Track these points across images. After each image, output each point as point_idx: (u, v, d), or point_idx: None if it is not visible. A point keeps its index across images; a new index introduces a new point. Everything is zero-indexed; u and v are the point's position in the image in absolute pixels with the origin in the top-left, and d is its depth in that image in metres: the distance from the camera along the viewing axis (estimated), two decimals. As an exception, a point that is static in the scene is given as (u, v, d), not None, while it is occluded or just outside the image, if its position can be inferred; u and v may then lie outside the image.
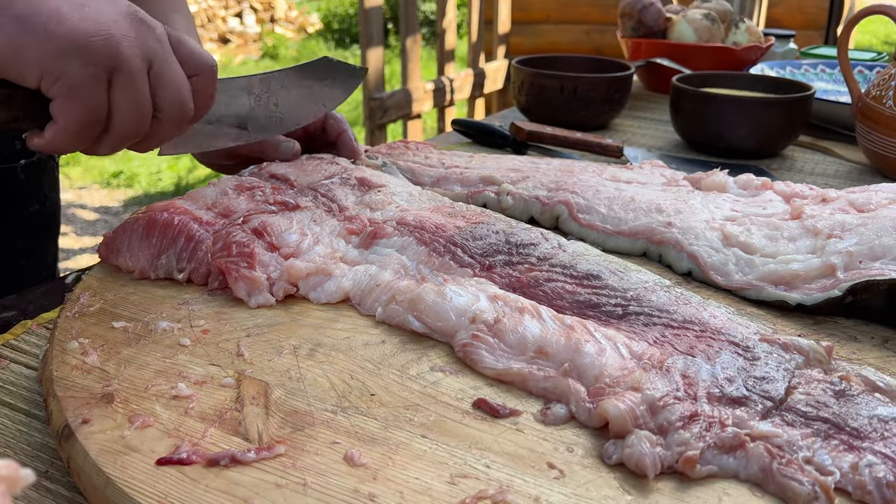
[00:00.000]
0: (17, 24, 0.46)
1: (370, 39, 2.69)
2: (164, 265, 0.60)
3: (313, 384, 0.47)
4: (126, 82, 0.49)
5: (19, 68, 0.46)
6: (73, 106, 0.48)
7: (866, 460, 0.39)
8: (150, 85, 0.51)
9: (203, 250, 0.60)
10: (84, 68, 0.47)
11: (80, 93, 0.48)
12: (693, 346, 0.49)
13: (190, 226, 0.62)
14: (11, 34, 0.45)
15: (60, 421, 0.44)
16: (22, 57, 0.46)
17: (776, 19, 3.28)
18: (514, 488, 0.39)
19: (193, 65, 0.54)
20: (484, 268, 0.59)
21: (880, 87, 0.94)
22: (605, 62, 1.24)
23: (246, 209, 0.65)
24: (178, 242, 0.61)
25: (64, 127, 0.48)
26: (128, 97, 0.50)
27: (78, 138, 0.49)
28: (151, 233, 0.62)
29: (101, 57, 0.47)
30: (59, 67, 0.46)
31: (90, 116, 0.49)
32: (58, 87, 0.47)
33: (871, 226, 0.60)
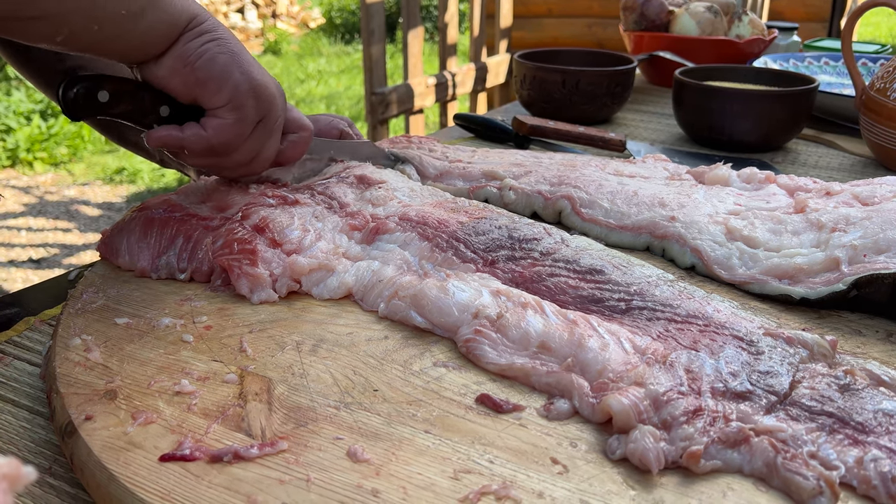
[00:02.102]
0: (231, 57, 0.59)
1: (371, 34, 2.69)
2: (164, 266, 0.60)
3: (316, 380, 0.47)
4: (264, 129, 0.63)
5: (219, 86, 0.59)
6: (232, 129, 0.61)
7: (871, 455, 0.39)
8: None
9: (203, 249, 0.60)
10: (256, 108, 0.61)
11: (245, 123, 0.61)
12: (697, 340, 0.48)
13: (188, 223, 0.62)
14: (226, 62, 0.59)
15: (63, 417, 0.44)
16: (225, 80, 0.59)
17: (779, 12, 3.26)
18: (518, 483, 0.39)
19: (299, 123, 0.69)
20: (487, 263, 0.59)
21: (884, 79, 0.93)
22: (607, 56, 1.24)
23: (243, 202, 0.65)
24: (176, 243, 0.61)
25: (209, 138, 0.61)
26: (258, 139, 0.63)
27: (210, 151, 0.61)
28: (149, 232, 0.62)
29: (264, 107, 0.62)
30: (244, 100, 0.60)
31: (237, 141, 0.62)
32: (235, 113, 0.60)
33: (875, 219, 0.60)
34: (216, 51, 0.59)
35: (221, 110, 0.60)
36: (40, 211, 3.54)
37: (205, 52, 0.58)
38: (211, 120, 0.60)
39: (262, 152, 0.64)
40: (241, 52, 0.60)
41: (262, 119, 0.62)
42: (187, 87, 0.59)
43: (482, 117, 1.08)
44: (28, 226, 3.37)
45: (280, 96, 0.64)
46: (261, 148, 0.64)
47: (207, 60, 0.58)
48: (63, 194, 3.76)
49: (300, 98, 5.61)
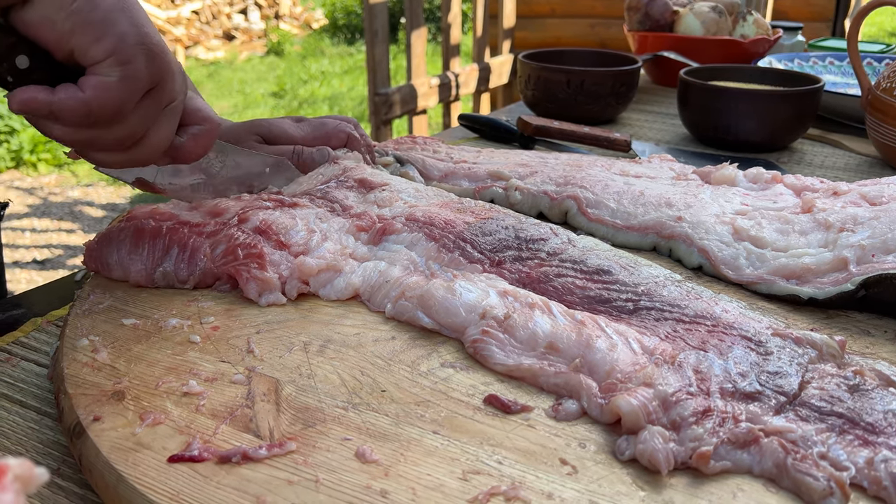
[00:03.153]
0: (119, 3, 0.50)
1: (375, 35, 2.69)
2: (162, 277, 0.58)
3: (324, 381, 0.47)
4: (155, 101, 0.53)
5: (101, 34, 0.49)
6: (117, 89, 0.50)
7: (882, 455, 0.39)
8: None
9: (202, 258, 0.58)
10: (146, 68, 0.51)
11: (132, 84, 0.50)
12: (705, 340, 0.48)
13: (180, 232, 0.60)
14: (111, 7, 0.49)
15: (72, 418, 0.44)
16: (109, 28, 0.49)
17: (783, 11, 3.26)
18: (527, 484, 0.39)
19: (202, 115, 0.58)
20: (493, 263, 0.59)
21: (890, 78, 0.93)
22: (611, 56, 1.24)
23: (238, 207, 0.64)
24: (171, 253, 0.59)
25: (87, 100, 0.50)
26: (147, 112, 0.53)
27: (87, 118, 0.50)
28: (140, 243, 0.59)
29: (157, 70, 0.51)
30: (130, 53, 0.49)
31: (121, 107, 0.51)
32: (119, 70, 0.49)
33: (883, 219, 0.59)
34: None
35: (103, 65, 0.49)
36: (44, 212, 3.55)
37: None
38: (90, 78, 0.50)
39: (150, 133, 0.54)
40: (134, 2, 0.51)
41: (154, 87, 0.52)
42: (61, 36, 0.49)
43: (487, 118, 1.08)
44: (32, 227, 3.38)
45: (180, 73, 0.54)
46: (150, 126, 0.54)
47: (87, 2, 0.48)
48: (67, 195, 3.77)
49: (303, 99, 5.61)
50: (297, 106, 5.47)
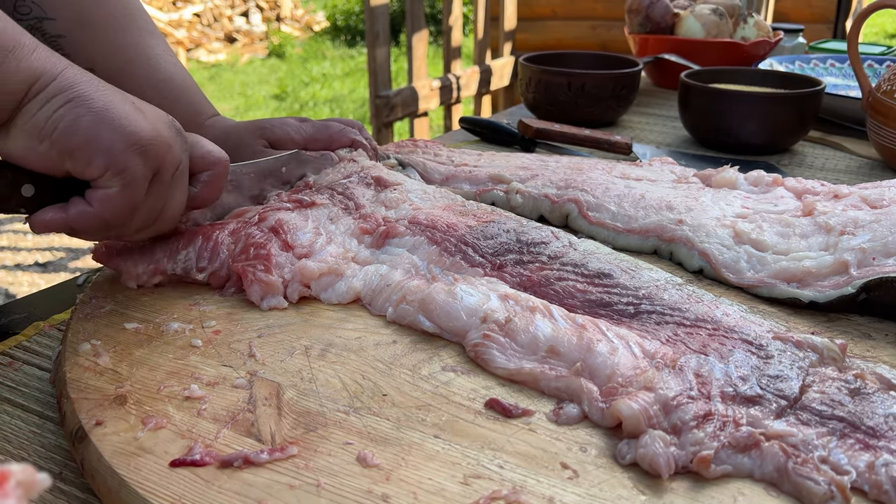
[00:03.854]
0: (95, 116, 0.49)
1: (376, 37, 2.69)
2: (182, 262, 0.59)
3: (325, 385, 0.47)
4: (161, 183, 0.54)
5: (89, 156, 0.49)
6: (122, 196, 0.51)
7: (883, 459, 0.39)
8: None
9: (224, 252, 0.59)
10: (143, 167, 0.51)
11: (134, 187, 0.51)
12: (706, 344, 0.48)
13: (206, 228, 0.61)
14: (89, 125, 0.49)
15: (74, 422, 0.44)
16: (94, 147, 0.49)
17: (784, 13, 3.26)
18: (528, 489, 0.39)
19: (210, 160, 0.59)
20: (495, 267, 0.59)
21: (891, 81, 0.93)
22: (612, 58, 1.24)
23: (262, 208, 0.65)
24: (195, 242, 0.60)
25: (100, 213, 0.51)
26: (157, 196, 0.54)
27: (104, 225, 0.52)
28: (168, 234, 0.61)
29: (154, 160, 0.52)
30: (124, 161, 0.50)
31: (131, 208, 0.52)
32: (119, 179, 0.50)
33: (884, 222, 0.59)
34: (74, 114, 0.48)
35: (102, 180, 0.50)
36: (46, 215, 3.55)
37: (60, 120, 0.48)
38: (95, 192, 0.51)
39: (166, 209, 0.55)
40: (109, 105, 0.50)
41: (155, 173, 0.53)
42: (52, 163, 0.49)
43: (488, 120, 1.08)
44: (34, 229, 3.38)
45: (177, 138, 0.55)
46: (163, 204, 0.55)
47: (66, 129, 0.48)
48: (69, 198, 3.77)
49: (304, 101, 5.62)
50: (299, 108, 5.47)
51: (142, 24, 0.77)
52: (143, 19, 0.77)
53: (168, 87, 0.76)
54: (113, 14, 0.74)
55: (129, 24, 0.75)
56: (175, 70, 0.78)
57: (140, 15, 0.77)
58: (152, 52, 0.76)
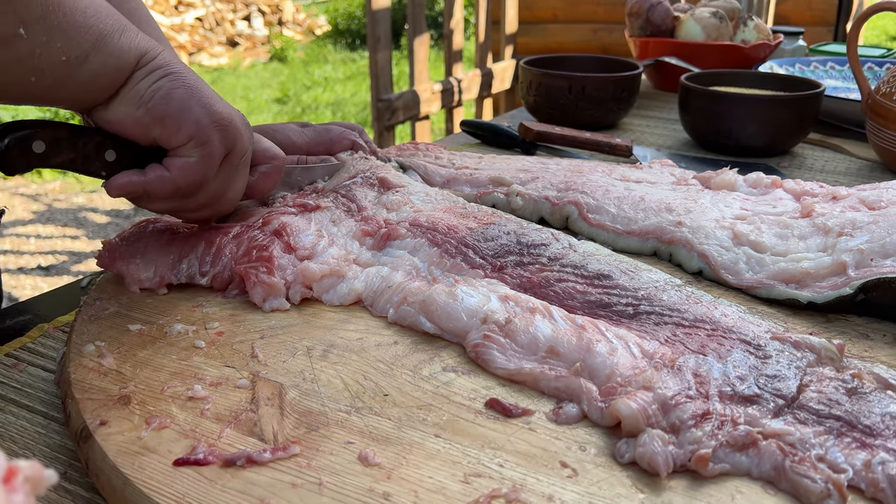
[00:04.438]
0: (188, 91, 0.55)
1: (377, 41, 2.70)
2: (185, 270, 0.60)
3: (327, 385, 0.47)
4: (230, 164, 0.59)
5: (179, 124, 0.55)
6: (200, 167, 0.56)
7: (879, 458, 0.39)
8: None
9: (227, 255, 0.60)
10: (222, 143, 0.57)
11: (211, 160, 0.57)
12: (704, 344, 0.49)
13: (209, 232, 0.62)
14: (182, 97, 0.55)
15: (78, 423, 0.44)
16: (184, 117, 0.55)
17: (784, 16, 3.26)
18: (528, 487, 0.39)
19: (269, 154, 0.65)
20: (495, 269, 0.59)
21: (890, 83, 0.94)
22: (612, 61, 1.24)
23: (266, 212, 0.65)
24: (198, 248, 0.60)
25: (175, 179, 0.56)
26: (226, 175, 0.59)
27: (176, 193, 0.57)
28: (171, 241, 0.61)
29: (230, 140, 0.57)
30: (207, 134, 0.56)
31: (204, 180, 0.57)
32: (200, 150, 0.56)
33: (881, 223, 0.60)
34: (170, 86, 0.54)
35: (184, 148, 0.56)
36: (49, 218, 3.56)
37: (158, 90, 0.54)
38: (174, 160, 0.56)
39: (229, 190, 0.60)
40: (199, 85, 0.56)
41: (228, 154, 0.58)
42: (144, 128, 0.55)
43: (489, 123, 1.08)
44: (37, 233, 3.39)
45: (246, 128, 0.60)
46: (228, 185, 0.60)
47: (162, 98, 0.54)
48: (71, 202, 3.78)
49: (307, 105, 5.63)
50: (301, 112, 5.48)
51: (149, 31, 0.77)
52: (151, 26, 0.78)
53: None
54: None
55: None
56: None
57: (148, 21, 0.78)
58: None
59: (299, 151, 0.77)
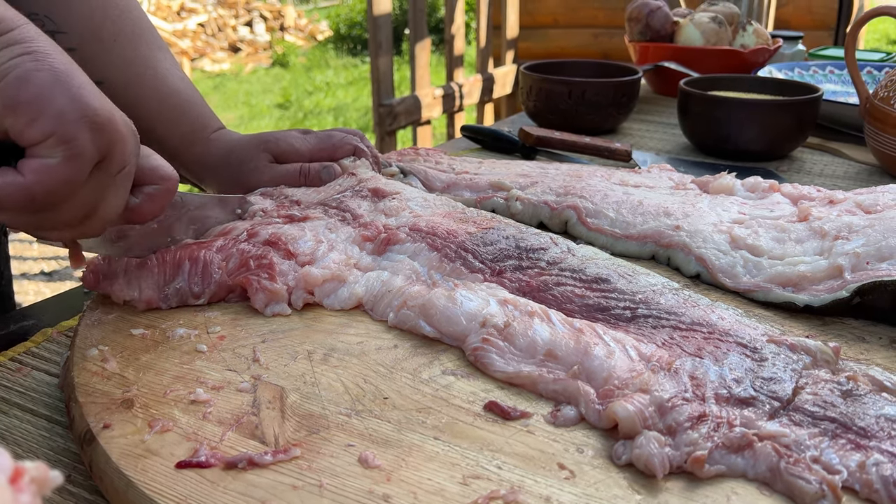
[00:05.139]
0: (53, 75, 0.44)
1: (379, 46, 2.71)
2: (175, 294, 0.58)
3: (328, 388, 0.48)
4: (105, 173, 0.48)
5: (36, 114, 0.44)
6: (61, 171, 0.45)
7: (873, 459, 0.40)
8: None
9: (217, 269, 0.58)
10: (92, 143, 0.45)
11: (78, 164, 0.45)
12: (701, 347, 0.49)
13: (189, 248, 0.60)
14: (44, 81, 0.44)
15: (82, 426, 0.45)
16: (44, 106, 0.44)
17: (785, 20, 3.27)
18: (526, 489, 0.40)
19: (160, 174, 0.54)
20: (494, 273, 0.60)
21: (888, 87, 0.94)
22: (612, 66, 1.25)
23: (248, 225, 0.64)
24: (183, 268, 0.59)
25: (28, 186, 0.44)
26: (96, 187, 0.48)
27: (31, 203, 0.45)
28: (148, 261, 0.59)
29: (106, 143, 0.47)
30: (73, 131, 0.44)
31: (67, 188, 0.46)
32: (62, 149, 0.44)
33: (878, 227, 0.60)
34: (30, 67, 0.43)
35: (43, 146, 0.44)
36: (52, 224, 3.57)
37: (12, 69, 0.43)
38: (30, 161, 0.44)
39: (101, 207, 0.49)
40: (71, 71, 0.45)
41: (102, 159, 0.47)
42: None
43: (489, 128, 1.09)
44: (40, 239, 3.40)
45: (131, 134, 0.49)
46: (100, 200, 0.49)
47: (17, 79, 0.43)
48: (74, 207, 3.79)
49: (308, 110, 5.65)
50: (303, 117, 5.50)
51: (150, 39, 0.78)
52: (152, 34, 0.79)
53: (175, 101, 0.78)
54: (123, 29, 0.76)
55: (138, 38, 0.77)
56: (182, 84, 0.79)
57: (149, 29, 0.79)
58: (160, 66, 0.78)
59: (303, 158, 0.77)
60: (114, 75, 0.75)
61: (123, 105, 0.76)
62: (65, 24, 0.72)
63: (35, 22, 0.71)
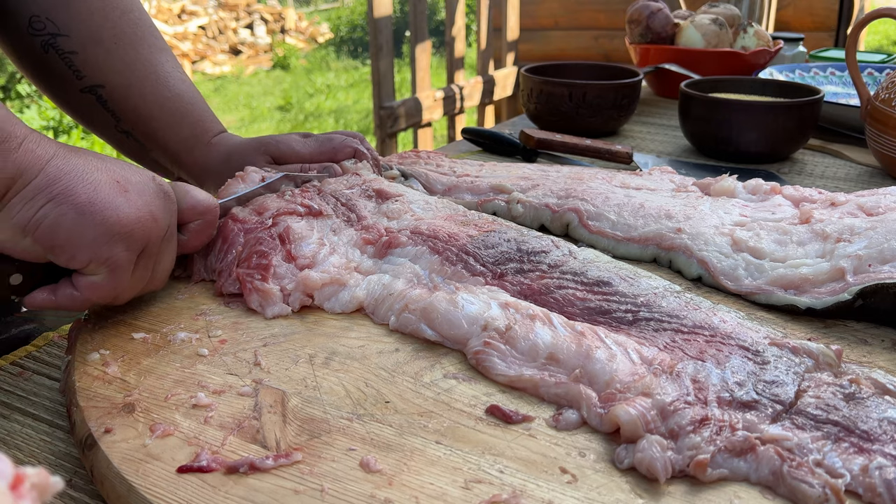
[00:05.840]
0: (78, 213, 0.49)
1: (380, 49, 2.71)
2: (208, 267, 0.63)
3: (329, 392, 0.48)
4: (147, 258, 0.55)
5: (73, 251, 0.50)
6: (108, 283, 0.52)
7: (876, 462, 0.40)
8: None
9: (233, 253, 0.62)
10: (127, 252, 0.52)
11: (119, 272, 0.52)
12: (703, 350, 0.49)
13: (227, 226, 0.64)
14: (72, 222, 0.49)
15: (83, 430, 0.45)
16: (77, 243, 0.50)
17: (785, 21, 3.27)
18: (528, 493, 0.39)
19: (199, 210, 0.59)
20: (496, 276, 0.60)
21: (889, 89, 0.94)
22: (613, 68, 1.25)
23: (276, 208, 0.66)
24: (216, 244, 0.63)
25: (88, 297, 0.52)
26: (144, 268, 0.55)
27: (93, 304, 0.54)
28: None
29: (140, 242, 0.53)
30: (108, 251, 0.51)
31: (116, 291, 0.53)
32: (104, 268, 0.51)
33: (879, 229, 0.60)
34: (56, 213, 0.49)
35: (87, 269, 0.51)
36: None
37: (43, 219, 0.49)
38: (80, 279, 0.52)
39: (156, 272, 0.57)
40: (93, 198, 0.50)
41: (142, 251, 0.54)
42: (36, 255, 0.50)
43: (490, 131, 1.09)
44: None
45: (162, 206, 0.55)
46: (152, 272, 0.56)
47: (48, 228, 0.49)
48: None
49: (309, 112, 5.65)
50: (304, 119, 5.50)
51: (152, 42, 0.78)
52: (154, 36, 0.79)
53: (176, 105, 0.78)
54: (125, 32, 0.76)
55: (140, 41, 0.77)
56: (184, 87, 0.79)
57: (151, 32, 0.79)
58: (162, 69, 0.78)
59: (303, 161, 0.77)
60: (115, 78, 0.75)
61: (124, 109, 0.76)
62: (66, 26, 0.73)
63: (37, 24, 0.72)
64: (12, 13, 0.72)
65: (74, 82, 0.75)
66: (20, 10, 0.73)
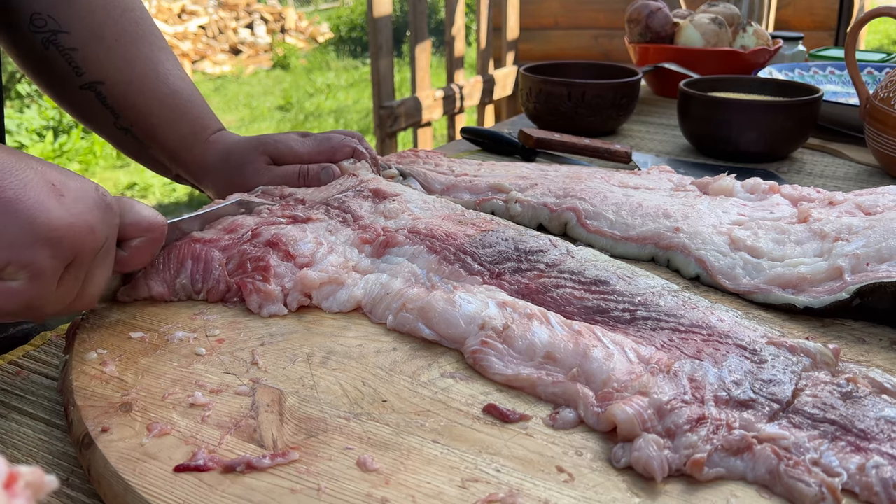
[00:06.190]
0: (2, 207, 0.45)
1: (379, 48, 2.71)
2: (181, 289, 0.60)
3: (326, 391, 0.48)
4: (77, 270, 0.50)
5: None
6: (27, 291, 0.47)
7: (873, 461, 0.40)
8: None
9: (218, 269, 0.60)
10: (52, 260, 0.47)
11: (41, 281, 0.47)
12: (700, 349, 0.49)
13: (193, 247, 0.61)
14: None
15: (81, 430, 0.45)
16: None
17: (785, 20, 3.27)
18: (524, 492, 0.39)
19: (143, 226, 0.55)
20: (493, 275, 0.59)
21: (888, 88, 0.94)
22: (612, 68, 1.25)
23: (253, 224, 0.65)
24: (186, 266, 0.60)
25: (2, 306, 0.47)
26: (71, 283, 0.50)
27: (9, 313, 0.48)
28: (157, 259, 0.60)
29: (69, 251, 0.48)
30: (29, 256, 0.46)
31: (36, 301, 0.48)
32: (24, 273, 0.47)
33: (877, 228, 0.60)
34: None
35: (5, 272, 0.46)
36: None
37: None
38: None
39: (84, 288, 0.52)
40: (21, 194, 0.46)
41: (71, 262, 0.49)
42: None
43: (489, 130, 1.09)
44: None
45: (100, 217, 0.50)
46: (80, 288, 0.51)
47: None
48: (75, 210, 3.79)
49: (309, 112, 5.65)
50: (304, 119, 5.50)
51: (153, 40, 0.78)
52: (155, 34, 0.79)
53: (175, 102, 0.78)
54: (126, 29, 0.76)
55: (140, 39, 0.77)
56: (183, 85, 0.79)
57: (152, 31, 0.79)
58: (161, 66, 0.78)
59: (301, 160, 0.77)
60: (115, 75, 0.75)
61: (124, 105, 0.76)
62: (67, 23, 0.73)
63: (38, 21, 0.72)
64: (14, 10, 0.73)
65: (74, 79, 0.75)
66: (21, 8, 0.73)
